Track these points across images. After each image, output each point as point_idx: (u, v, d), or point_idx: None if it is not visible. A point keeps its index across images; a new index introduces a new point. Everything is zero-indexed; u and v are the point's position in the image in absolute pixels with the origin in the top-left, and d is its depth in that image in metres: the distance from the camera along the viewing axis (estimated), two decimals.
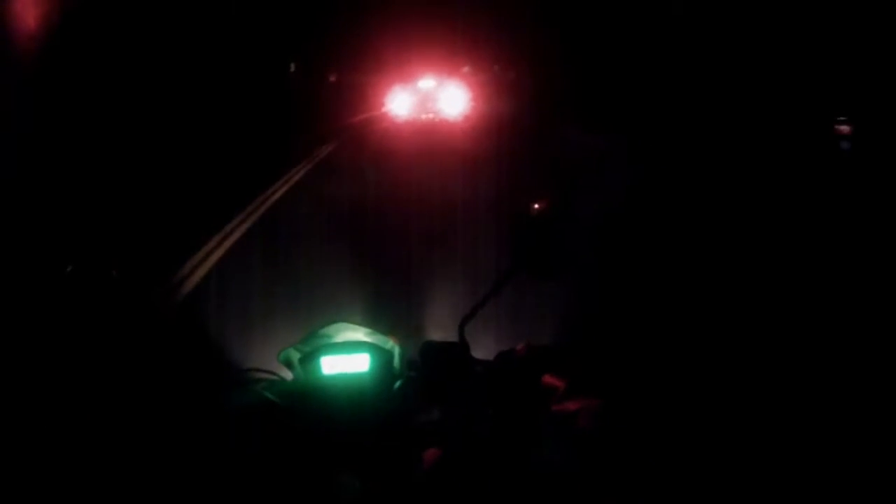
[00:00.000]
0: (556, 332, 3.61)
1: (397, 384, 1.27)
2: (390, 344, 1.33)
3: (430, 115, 18.72)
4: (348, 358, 1.27)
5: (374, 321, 1.47)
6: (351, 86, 24.99)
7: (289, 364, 1.31)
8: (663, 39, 17.41)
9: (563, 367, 1.19)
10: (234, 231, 6.78)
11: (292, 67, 22.82)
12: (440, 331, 3.63)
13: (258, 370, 1.33)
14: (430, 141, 14.71)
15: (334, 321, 1.41)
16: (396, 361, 1.30)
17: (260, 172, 10.19)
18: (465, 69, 25.93)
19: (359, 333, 1.36)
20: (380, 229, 6.66)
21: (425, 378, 1.30)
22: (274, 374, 1.33)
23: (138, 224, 6.73)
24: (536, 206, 1.30)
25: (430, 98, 19.22)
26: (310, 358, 1.28)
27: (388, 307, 4.22)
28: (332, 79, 25.55)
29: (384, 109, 20.20)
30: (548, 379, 1.17)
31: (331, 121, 18.00)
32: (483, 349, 1.36)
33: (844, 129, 8.92)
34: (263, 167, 10.73)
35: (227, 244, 6.33)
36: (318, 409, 1.22)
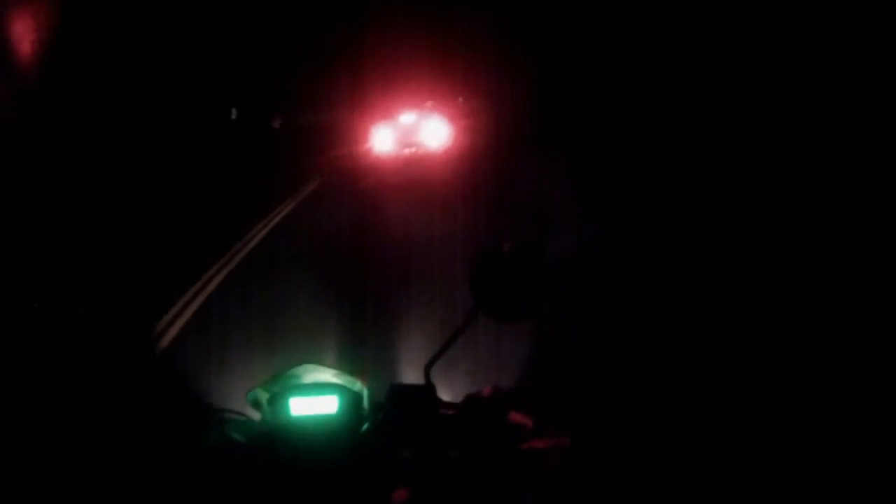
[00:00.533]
0: (523, 373, 3.62)
1: (365, 426, 1.27)
2: (358, 386, 1.34)
3: (412, 149, 18.68)
4: (316, 399, 1.28)
5: (343, 362, 1.48)
6: (333, 123, 24.71)
7: (256, 404, 1.31)
8: (640, 63, 17.64)
9: (530, 407, 1.20)
10: (213, 278, 6.72)
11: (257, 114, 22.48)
12: (411, 371, 3.63)
13: (225, 410, 1.33)
14: (409, 175, 14.76)
15: (303, 362, 1.41)
16: (365, 403, 1.31)
17: (242, 210, 10.14)
18: (460, 99, 25.95)
19: (327, 374, 1.37)
20: (352, 268, 6.66)
21: (392, 421, 1.30)
22: (241, 414, 1.32)
23: (112, 261, 6.65)
24: (504, 246, 1.30)
25: (412, 132, 19.24)
26: (278, 398, 1.28)
27: (357, 347, 4.21)
28: (310, 119, 25.34)
29: (367, 145, 20.20)
30: (515, 417, 1.18)
31: (314, 157, 18.01)
32: (450, 391, 1.37)
33: None
34: (246, 205, 10.69)
35: (208, 289, 6.29)
36: (286, 451, 1.21)
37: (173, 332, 5.11)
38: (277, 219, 10.16)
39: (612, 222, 7.73)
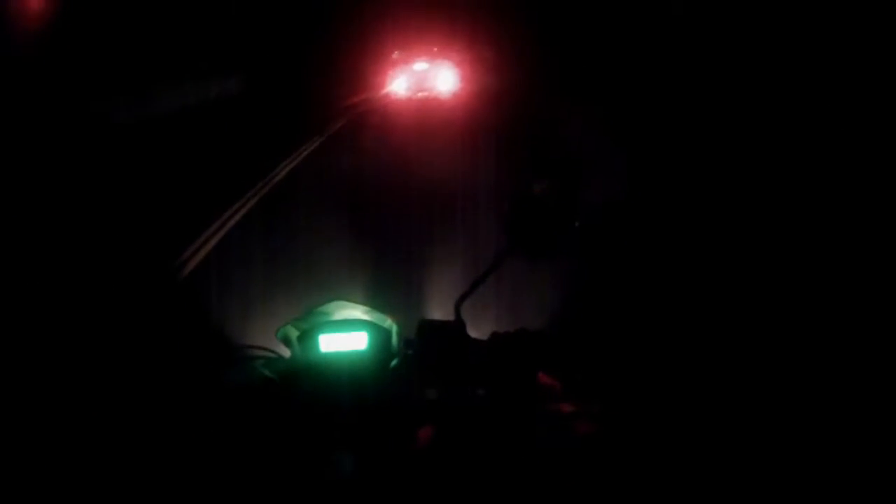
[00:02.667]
0: (552, 315, 3.61)
1: (394, 362, 1.28)
2: (388, 322, 1.34)
3: (425, 93, 20.22)
4: (346, 336, 1.28)
5: (372, 299, 1.47)
6: (352, 68, 25.43)
7: (287, 341, 1.32)
8: (660, 24, 17.30)
9: (559, 362, 1.19)
10: (237, 211, 6.77)
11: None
12: (439, 309, 3.65)
13: (256, 347, 1.34)
14: (426, 117, 14.93)
15: (332, 299, 1.41)
16: (394, 340, 1.31)
17: (265, 149, 10.16)
18: (477, 47, 27.14)
19: (357, 311, 1.36)
20: (379, 207, 6.66)
21: (421, 357, 1.30)
22: (272, 350, 1.33)
23: (140, 203, 6.76)
24: (536, 185, 1.29)
25: (425, 77, 21.01)
26: (307, 335, 1.29)
27: (387, 285, 4.23)
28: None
29: (385, 90, 21.54)
30: (543, 378, 1.17)
31: (335, 99, 18.41)
32: (480, 329, 1.36)
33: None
34: (269, 144, 10.70)
35: (230, 223, 6.33)
36: (315, 387, 1.22)
37: (199, 262, 5.18)
38: (302, 156, 10.16)
39: (631, 177, 7.62)
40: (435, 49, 25.49)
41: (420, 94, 20.19)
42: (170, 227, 6.06)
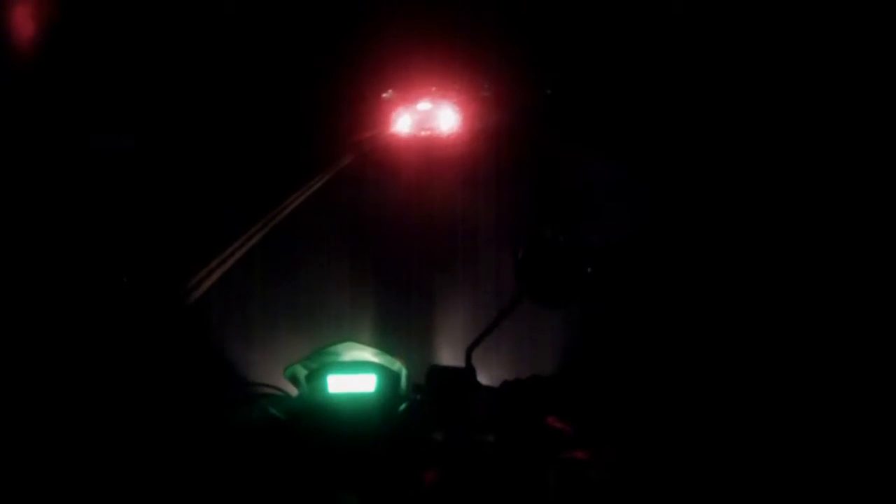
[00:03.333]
0: (562, 360, 3.59)
1: (402, 406, 1.27)
2: (397, 365, 1.33)
3: (427, 132, 21.20)
4: (355, 378, 1.27)
5: (380, 342, 1.47)
6: (359, 105, 26.72)
7: (294, 380, 1.31)
8: (657, 50, 17.48)
9: (569, 405, 1.18)
10: (244, 245, 6.80)
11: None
12: (447, 351, 3.63)
13: (263, 385, 1.33)
14: (432, 157, 15.21)
15: (342, 340, 1.40)
16: (403, 383, 1.30)
17: (272, 184, 10.22)
18: (485, 85, 28.89)
19: (366, 353, 1.36)
20: (386, 248, 6.66)
21: (431, 402, 1.29)
22: (279, 389, 1.32)
23: (150, 234, 6.80)
24: (546, 229, 1.29)
25: (428, 117, 22.11)
26: (316, 375, 1.28)
27: (394, 327, 4.21)
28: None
29: (390, 128, 22.59)
30: (553, 422, 1.16)
31: (341, 137, 18.95)
32: (490, 375, 1.35)
33: None
34: (275, 179, 10.77)
35: (236, 257, 6.35)
36: (322, 428, 1.21)
37: (203, 297, 5.18)
38: (308, 193, 10.22)
39: (636, 214, 7.65)
40: (434, 88, 27.09)
41: (423, 133, 21.03)
42: (173, 260, 6.09)
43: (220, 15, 16.69)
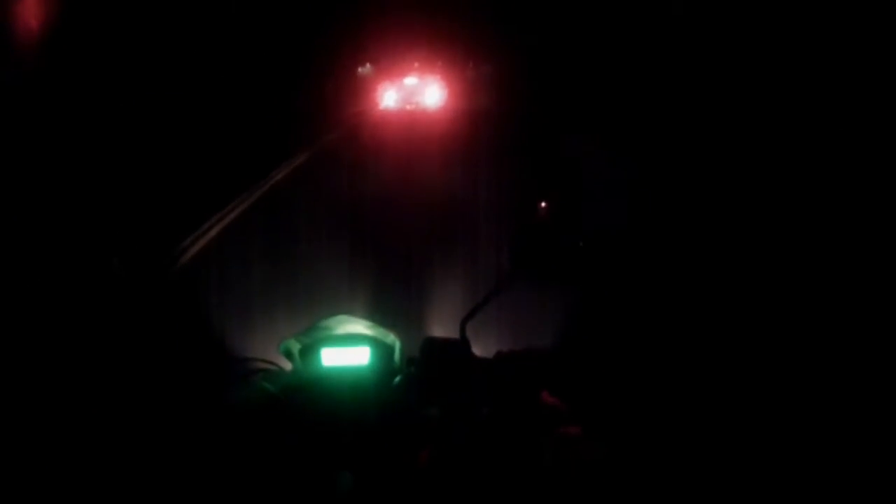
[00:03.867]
0: (557, 335, 3.59)
1: (397, 379, 1.27)
2: (391, 338, 1.33)
3: (412, 106, 22.06)
4: (349, 351, 1.27)
5: (374, 315, 1.47)
6: (348, 81, 27.76)
7: (289, 355, 1.31)
8: (655, 36, 17.46)
9: (563, 381, 1.18)
10: (233, 212, 6.74)
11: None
12: (440, 327, 3.63)
13: (258, 360, 1.33)
14: (427, 131, 15.25)
15: (336, 313, 1.40)
16: (397, 356, 1.30)
17: (261, 157, 10.13)
18: (470, 65, 30.33)
19: (360, 326, 1.36)
20: (381, 221, 6.65)
21: (425, 375, 1.30)
22: (274, 364, 1.32)
23: (136, 210, 6.74)
24: (540, 208, 1.29)
25: (414, 92, 22.91)
26: (310, 349, 1.28)
27: (389, 301, 4.21)
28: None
29: (377, 103, 23.83)
30: (547, 398, 1.16)
31: (330, 111, 19.16)
32: (484, 347, 1.35)
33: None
34: (265, 152, 10.68)
35: (227, 225, 6.30)
36: (317, 402, 1.22)
37: (196, 271, 5.15)
38: (297, 164, 10.14)
39: (634, 195, 7.63)
40: (417, 64, 28.81)
41: (409, 108, 21.65)
42: (165, 227, 6.05)
43: None
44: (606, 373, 3.13)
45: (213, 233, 5.88)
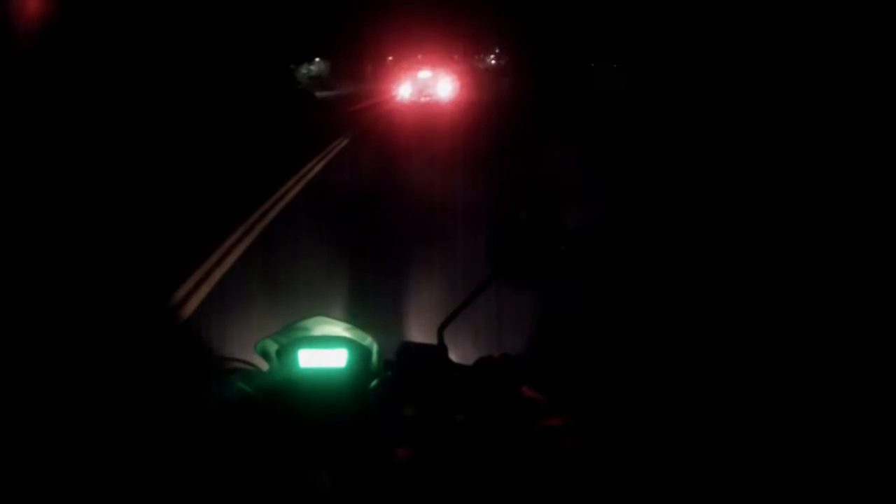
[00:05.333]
0: (536, 340, 3.61)
1: (373, 383, 1.26)
2: (368, 340, 1.32)
3: (427, 98, 25.60)
4: (325, 352, 1.26)
5: (353, 317, 1.46)
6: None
7: (265, 355, 1.30)
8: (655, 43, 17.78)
9: (542, 379, 1.18)
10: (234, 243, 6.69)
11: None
12: (419, 331, 3.64)
13: (234, 360, 1.32)
14: (416, 134, 15.59)
15: (314, 314, 1.40)
16: (374, 359, 1.30)
17: (267, 164, 10.05)
18: (481, 56, 37.94)
19: (337, 328, 1.35)
20: (365, 224, 6.65)
21: (401, 379, 1.29)
22: (250, 364, 1.32)
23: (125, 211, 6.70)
24: (521, 210, 1.29)
25: (427, 85, 26.71)
26: (286, 350, 1.27)
27: (368, 303, 4.21)
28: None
29: (394, 94, 27.77)
30: (527, 392, 1.16)
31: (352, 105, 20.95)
32: (461, 354, 1.35)
33: None
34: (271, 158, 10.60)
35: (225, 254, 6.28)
36: (293, 403, 1.21)
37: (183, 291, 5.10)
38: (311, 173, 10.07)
39: (615, 199, 7.70)
40: (420, 56, 34.11)
41: (423, 99, 25.37)
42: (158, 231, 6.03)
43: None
44: (587, 369, 3.16)
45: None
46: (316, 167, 10.54)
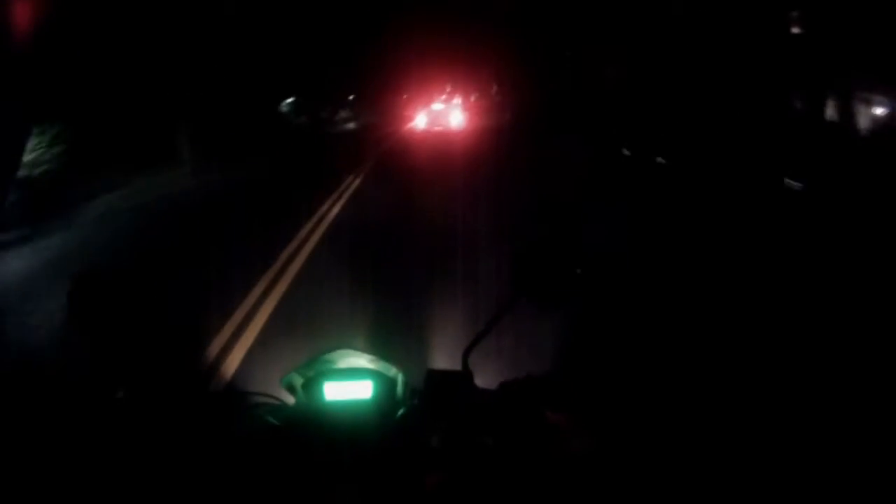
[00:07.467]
0: (559, 362, 3.60)
1: (400, 412, 1.27)
2: (394, 371, 1.33)
3: (440, 127, 28.63)
4: (351, 384, 1.27)
5: (377, 348, 1.47)
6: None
7: (291, 389, 1.31)
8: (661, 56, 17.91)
9: (566, 401, 1.18)
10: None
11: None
12: (444, 358, 3.63)
13: (259, 394, 1.33)
14: (434, 160, 16.24)
15: (338, 347, 1.40)
16: (400, 389, 1.30)
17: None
18: (495, 88, 38.09)
19: (362, 360, 1.36)
20: (384, 253, 6.68)
21: (429, 407, 1.30)
22: (276, 398, 1.32)
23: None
24: (540, 234, 1.31)
25: (440, 115, 30.48)
26: (312, 383, 1.28)
27: (391, 334, 4.22)
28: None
29: (411, 124, 32.03)
30: (551, 416, 1.17)
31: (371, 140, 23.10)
32: (487, 378, 1.36)
33: None
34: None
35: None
36: (320, 436, 1.21)
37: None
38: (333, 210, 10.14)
39: (631, 222, 7.71)
40: (448, 89, 39.03)
41: (437, 128, 28.25)
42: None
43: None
44: (608, 391, 3.14)
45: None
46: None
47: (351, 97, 34.14)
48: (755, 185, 8.60)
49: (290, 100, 25.19)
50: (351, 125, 32.41)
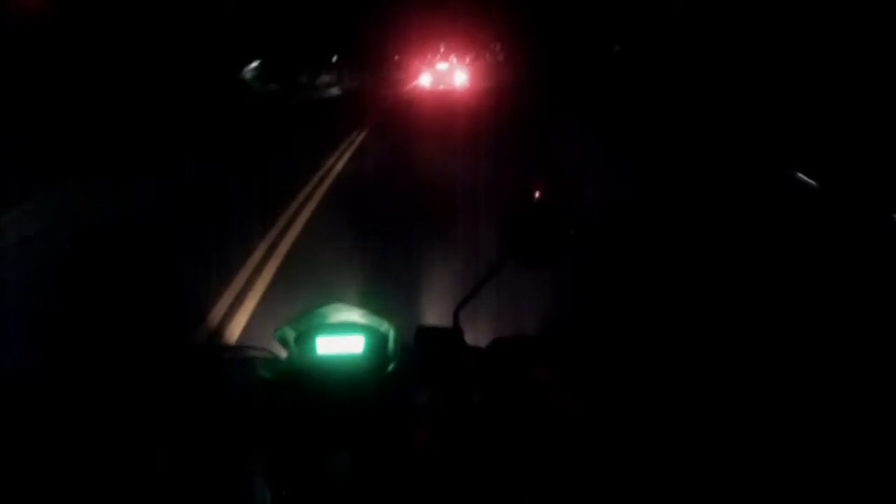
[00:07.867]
0: (550, 321, 3.62)
1: (391, 367, 1.28)
2: (385, 326, 1.34)
3: (443, 86, 30.07)
4: (343, 339, 1.28)
5: (369, 303, 1.48)
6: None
7: (284, 342, 1.32)
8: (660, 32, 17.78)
9: (556, 360, 1.19)
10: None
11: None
12: (436, 314, 3.65)
13: (252, 347, 1.34)
14: (431, 120, 16.02)
15: (330, 301, 1.41)
16: (391, 344, 1.31)
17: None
18: (497, 47, 39.93)
19: (354, 314, 1.37)
20: (379, 209, 6.66)
21: (418, 363, 1.31)
22: (268, 351, 1.33)
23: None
24: (536, 192, 1.30)
25: (445, 75, 32.52)
26: (304, 337, 1.29)
27: (384, 289, 4.23)
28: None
29: (415, 83, 33.23)
30: (539, 372, 1.18)
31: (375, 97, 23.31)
32: (477, 336, 1.37)
33: None
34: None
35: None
36: (311, 389, 1.23)
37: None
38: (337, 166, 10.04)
39: (626, 183, 7.67)
40: (442, 50, 40.74)
41: (441, 87, 29.63)
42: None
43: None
44: (600, 353, 3.17)
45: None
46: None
47: (334, 58, 30.59)
48: (759, 178, 8.57)
49: (254, 64, 20.81)
50: (334, 90, 27.51)
